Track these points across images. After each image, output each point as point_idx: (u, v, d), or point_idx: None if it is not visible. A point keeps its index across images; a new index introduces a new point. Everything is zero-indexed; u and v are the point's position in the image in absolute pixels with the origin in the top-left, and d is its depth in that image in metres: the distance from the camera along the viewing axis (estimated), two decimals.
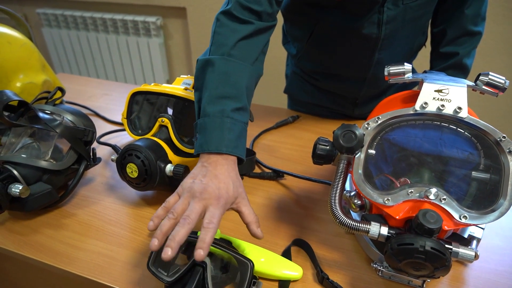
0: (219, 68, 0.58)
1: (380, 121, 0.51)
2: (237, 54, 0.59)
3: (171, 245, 0.43)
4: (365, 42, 0.79)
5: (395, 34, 0.78)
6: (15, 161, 0.62)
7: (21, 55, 0.77)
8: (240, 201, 0.52)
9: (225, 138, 0.53)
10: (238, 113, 0.56)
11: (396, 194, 0.48)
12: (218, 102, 0.55)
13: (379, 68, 0.84)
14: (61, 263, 0.56)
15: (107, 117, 0.99)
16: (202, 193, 0.48)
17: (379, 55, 0.81)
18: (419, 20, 0.80)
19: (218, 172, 0.51)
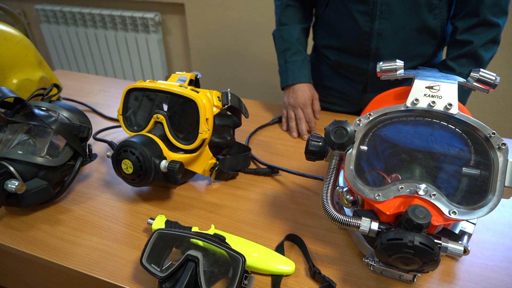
0: (277, 36, 0.98)
1: (371, 118, 0.51)
2: (284, 20, 0.96)
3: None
4: (365, 7, 0.82)
5: (394, 2, 0.80)
6: (11, 157, 0.62)
7: (17, 52, 0.77)
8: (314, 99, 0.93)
9: (289, 76, 0.94)
10: (294, 57, 0.94)
11: (387, 190, 0.48)
12: (281, 56, 0.96)
13: (382, 42, 0.85)
14: (57, 258, 0.57)
15: (104, 113, 0.99)
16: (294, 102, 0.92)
17: (380, 25, 0.84)
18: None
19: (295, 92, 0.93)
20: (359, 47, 0.89)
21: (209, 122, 0.65)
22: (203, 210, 0.66)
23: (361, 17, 0.84)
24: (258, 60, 1.96)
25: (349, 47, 0.91)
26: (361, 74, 0.94)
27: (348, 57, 0.93)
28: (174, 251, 0.55)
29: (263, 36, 1.86)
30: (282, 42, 0.96)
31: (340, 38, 0.92)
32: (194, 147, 0.65)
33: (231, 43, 1.97)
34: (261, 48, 1.91)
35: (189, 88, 0.66)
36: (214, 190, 0.71)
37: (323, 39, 0.98)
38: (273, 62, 1.93)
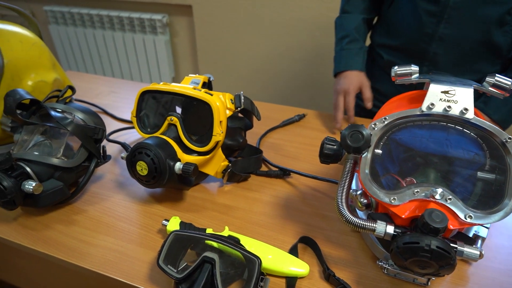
0: (337, 24, 1.01)
1: (387, 122, 0.52)
2: (347, 8, 0.98)
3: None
4: (434, 7, 0.80)
5: (466, 8, 0.76)
6: (28, 158, 0.63)
7: (32, 54, 0.78)
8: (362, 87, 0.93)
9: (341, 63, 0.95)
10: (350, 44, 0.94)
11: (402, 194, 0.49)
12: (338, 43, 0.97)
13: (442, 48, 0.82)
14: (73, 258, 0.58)
15: (115, 114, 1.00)
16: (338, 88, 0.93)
17: (444, 29, 0.81)
18: (497, 6, 0.75)
19: (341, 78, 0.93)
20: (416, 48, 0.87)
21: (222, 124, 0.66)
22: (216, 212, 0.67)
23: (427, 17, 0.82)
24: (265, 62, 1.96)
25: (406, 47, 0.90)
26: None
27: (402, 58, 0.92)
28: (189, 252, 0.55)
29: (270, 38, 1.87)
30: (341, 29, 0.97)
31: (399, 38, 0.91)
32: (208, 149, 0.66)
33: (238, 45, 1.97)
34: (268, 50, 1.91)
35: (203, 91, 0.67)
36: (227, 192, 0.72)
37: (380, 37, 0.98)
38: (280, 64, 1.94)
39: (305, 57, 1.85)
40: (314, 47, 1.81)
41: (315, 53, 1.82)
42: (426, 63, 0.87)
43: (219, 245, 0.53)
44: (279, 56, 1.91)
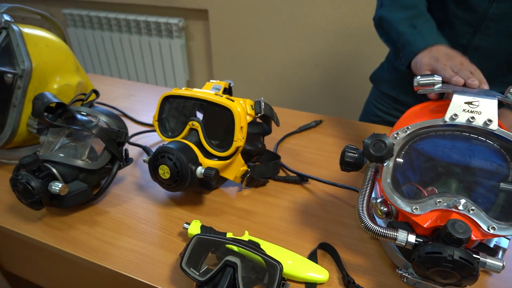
0: (389, 8, 0.82)
1: (409, 131, 0.52)
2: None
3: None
4: (471, 16, 0.76)
5: (505, 20, 0.73)
6: (54, 160, 0.65)
7: (58, 58, 0.80)
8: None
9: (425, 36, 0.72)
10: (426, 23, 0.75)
11: (424, 203, 0.49)
12: (404, 24, 0.76)
13: (474, 59, 0.74)
14: (97, 258, 0.59)
15: (134, 117, 1.02)
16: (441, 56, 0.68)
17: (480, 40, 0.77)
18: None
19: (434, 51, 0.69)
20: None
21: (243, 130, 0.67)
22: (235, 216, 0.68)
23: (462, 27, 0.78)
24: (279, 67, 1.97)
25: None
26: None
27: None
28: (209, 255, 0.56)
29: (285, 43, 1.88)
30: (403, 9, 0.78)
31: None
32: (228, 154, 0.67)
33: (253, 50, 1.99)
34: (283, 55, 1.92)
35: (225, 97, 0.68)
36: (245, 197, 0.73)
37: None
38: (294, 70, 1.95)
39: (320, 62, 1.86)
40: (329, 53, 1.81)
41: (330, 59, 1.83)
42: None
43: (240, 249, 0.54)
44: (294, 62, 1.92)
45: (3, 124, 0.74)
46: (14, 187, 0.62)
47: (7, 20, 0.73)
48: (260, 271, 0.53)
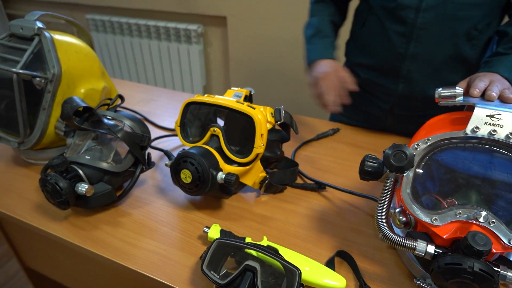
0: (305, 27, 1.00)
1: (430, 142, 0.53)
2: (314, 13, 1.00)
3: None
4: (403, 28, 0.82)
5: (433, 27, 0.79)
6: (81, 162, 0.68)
7: (85, 63, 0.83)
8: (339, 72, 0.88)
9: (311, 54, 0.93)
10: (322, 39, 0.94)
11: (444, 214, 0.49)
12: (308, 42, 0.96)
13: (414, 65, 0.85)
14: (120, 259, 0.61)
15: (155, 122, 1.04)
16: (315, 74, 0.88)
17: (415, 48, 0.83)
18: (462, 23, 0.78)
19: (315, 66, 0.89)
20: (390, 67, 0.90)
21: (263, 137, 0.68)
22: (253, 222, 0.69)
23: (397, 38, 0.85)
24: (296, 75, 1.99)
25: (381, 66, 0.92)
26: (389, 95, 0.94)
27: (378, 76, 0.94)
28: (228, 259, 0.58)
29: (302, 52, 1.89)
30: (310, 28, 0.97)
31: (373, 57, 0.93)
32: (248, 161, 0.68)
33: (270, 57, 2.01)
34: (300, 64, 1.93)
35: (246, 104, 0.70)
36: (263, 203, 0.74)
37: (355, 57, 0.99)
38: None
39: None
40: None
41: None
42: (401, 80, 0.89)
43: (259, 254, 0.55)
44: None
45: (32, 126, 0.78)
46: (43, 187, 0.65)
47: (40, 27, 0.76)
48: (279, 276, 0.54)
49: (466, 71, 0.85)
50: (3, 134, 0.81)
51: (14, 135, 0.80)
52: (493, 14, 0.80)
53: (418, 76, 0.87)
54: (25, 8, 2.80)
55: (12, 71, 0.70)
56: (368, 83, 0.97)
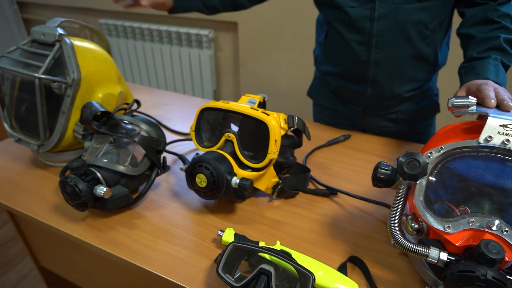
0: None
1: (443, 151, 0.53)
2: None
3: None
4: (361, 37, 0.87)
5: (389, 33, 0.84)
6: (99, 164, 0.70)
7: (103, 69, 0.85)
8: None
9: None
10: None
11: (456, 222, 0.50)
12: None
13: (379, 70, 0.90)
14: (137, 260, 0.63)
15: (168, 126, 1.06)
16: None
17: (376, 54, 0.88)
18: (414, 26, 0.83)
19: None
20: (357, 73, 0.94)
21: (277, 143, 0.69)
22: (266, 226, 0.70)
23: (358, 47, 0.89)
24: (305, 81, 2.00)
25: (348, 73, 0.96)
26: (360, 98, 0.99)
27: (347, 83, 0.98)
28: (242, 263, 0.59)
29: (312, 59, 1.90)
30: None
31: (339, 65, 0.97)
32: (262, 166, 0.70)
33: (280, 62, 2.03)
34: (310, 70, 1.95)
35: (260, 111, 0.71)
36: (276, 207, 0.75)
37: (323, 66, 1.03)
38: None
39: None
40: None
41: None
42: (369, 84, 0.94)
43: (272, 258, 0.56)
44: None
45: (52, 129, 0.80)
46: (63, 189, 0.67)
47: (61, 34, 0.79)
48: (292, 280, 0.55)
49: (427, 67, 0.91)
50: (23, 136, 0.84)
51: (34, 138, 0.83)
52: (442, 14, 0.84)
53: (384, 78, 0.92)
54: (40, 13, 2.86)
55: (35, 76, 0.73)
56: (339, 89, 1.02)
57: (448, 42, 0.95)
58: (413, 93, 0.96)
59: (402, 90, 0.93)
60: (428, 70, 0.92)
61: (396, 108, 0.99)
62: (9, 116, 0.86)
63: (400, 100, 0.97)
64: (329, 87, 1.06)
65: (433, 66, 0.91)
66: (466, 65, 0.76)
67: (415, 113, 1.00)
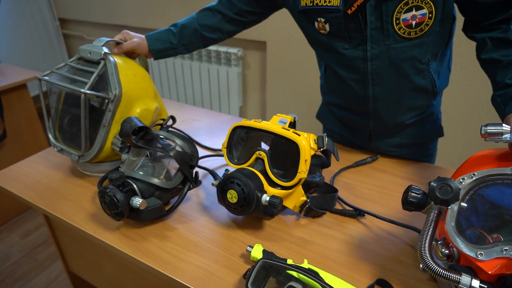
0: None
1: (475, 177, 0.54)
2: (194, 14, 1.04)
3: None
4: (357, 76, 0.88)
5: (384, 71, 0.85)
6: (135, 177, 0.73)
7: (142, 86, 0.90)
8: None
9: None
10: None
11: (489, 250, 0.50)
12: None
13: (378, 104, 0.91)
14: (168, 271, 0.65)
15: (199, 141, 1.10)
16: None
17: (374, 90, 0.89)
18: (407, 62, 0.83)
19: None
20: (358, 107, 0.95)
21: (307, 163, 0.71)
22: (293, 244, 0.71)
23: (355, 84, 0.90)
24: None
25: (350, 106, 0.98)
26: (364, 127, 1.00)
27: (350, 114, 1.00)
28: (270, 279, 0.60)
29: None
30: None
31: (341, 98, 0.99)
32: (291, 185, 0.71)
33: (306, 82, 2.05)
34: None
35: (291, 131, 0.73)
36: (303, 226, 0.76)
37: (328, 96, 1.06)
38: None
39: None
40: None
41: None
42: (371, 116, 0.95)
43: (300, 276, 0.57)
44: None
45: (92, 141, 0.85)
46: (101, 199, 0.71)
47: (106, 52, 0.84)
48: None
49: (426, 95, 0.91)
50: (65, 147, 0.89)
51: (75, 149, 0.87)
52: (436, 47, 0.84)
53: (384, 111, 0.92)
54: (79, 29, 3.02)
55: (81, 91, 0.78)
56: (343, 118, 1.04)
57: (449, 65, 0.95)
58: (416, 119, 0.96)
59: (404, 119, 0.94)
60: (428, 98, 0.92)
61: (401, 133, 0.99)
62: (53, 127, 0.92)
63: (403, 126, 0.97)
64: (336, 116, 1.08)
65: (432, 93, 0.91)
66: (502, 93, 0.75)
67: (419, 137, 1.00)
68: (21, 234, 1.98)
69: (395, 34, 0.79)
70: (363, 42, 0.82)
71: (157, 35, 1.01)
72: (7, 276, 1.72)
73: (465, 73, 1.61)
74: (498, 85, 0.76)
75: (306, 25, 0.90)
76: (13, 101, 1.97)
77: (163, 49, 1.01)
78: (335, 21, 0.82)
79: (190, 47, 1.05)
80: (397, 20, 0.77)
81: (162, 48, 1.01)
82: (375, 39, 0.80)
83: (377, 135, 1.01)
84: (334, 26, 0.83)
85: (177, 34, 1.01)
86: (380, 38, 0.80)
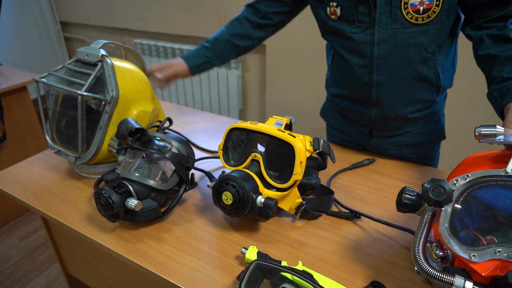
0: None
1: (469, 179, 0.54)
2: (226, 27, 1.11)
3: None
4: (363, 61, 0.90)
5: (389, 57, 0.87)
6: (131, 178, 0.73)
7: (139, 88, 0.90)
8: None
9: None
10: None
11: (483, 251, 0.50)
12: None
13: (381, 91, 0.92)
14: (162, 272, 0.65)
15: (196, 143, 1.10)
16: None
17: (378, 76, 0.90)
18: (413, 49, 0.85)
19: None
20: (361, 95, 0.96)
21: (302, 165, 0.71)
22: (288, 246, 0.71)
23: (360, 70, 0.92)
24: None
25: (353, 95, 0.99)
26: (366, 119, 1.01)
27: (352, 104, 1.01)
28: (264, 281, 0.60)
29: None
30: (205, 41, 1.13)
31: (345, 88, 1.00)
32: (287, 186, 0.71)
33: (305, 85, 2.06)
34: None
35: (287, 133, 0.73)
36: (298, 228, 0.76)
37: (332, 88, 1.07)
38: None
39: None
40: None
41: None
42: (373, 105, 0.96)
43: (294, 278, 0.57)
44: None
45: (89, 143, 0.85)
46: (97, 200, 0.71)
47: (103, 54, 0.85)
48: None
49: (429, 88, 0.92)
50: (63, 148, 0.89)
51: (72, 150, 0.88)
52: (440, 37, 0.85)
53: (387, 99, 0.93)
54: (80, 32, 3.04)
55: (78, 93, 0.78)
56: (346, 111, 1.06)
57: (454, 64, 0.96)
58: (418, 115, 0.96)
59: (406, 111, 0.95)
60: (431, 91, 0.93)
61: (402, 130, 1.00)
62: (50, 129, 0.92)
63: (405, 121, 0.98)
64: (337, 109, 1.09)
65: (436, 87, 0.92)
66: (499, 87, 0.75)
67: (421, 137, 1.00)
68: (20, 236, 1.98)
69: (403, 18, 0.81)
70: (371, 26, 0.84)
71: (192, 53, 1.12)
72: (6, 277, 1.72)
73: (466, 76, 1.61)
74: (494, 79, 0.77)
75: (319, 12, 0.93)
76: (13, 103, 1.98)
77: (200, 64, 1.11)
78: (346, 4, 0.85)
79: (224, 58, 1.13)
80: (405, 5, 0.79)
81: (199, 63, 1.11)
82: (383, 23, 0.82)
83: (378, 130, 1.01)
84: (345, 10, 0.86)
85: (210, 48, 1.10)
86: (388, 22, 0.82)
